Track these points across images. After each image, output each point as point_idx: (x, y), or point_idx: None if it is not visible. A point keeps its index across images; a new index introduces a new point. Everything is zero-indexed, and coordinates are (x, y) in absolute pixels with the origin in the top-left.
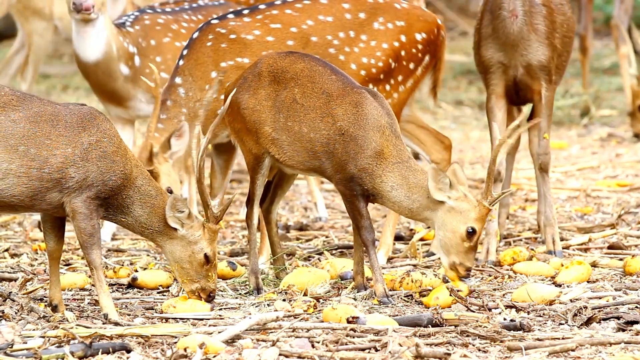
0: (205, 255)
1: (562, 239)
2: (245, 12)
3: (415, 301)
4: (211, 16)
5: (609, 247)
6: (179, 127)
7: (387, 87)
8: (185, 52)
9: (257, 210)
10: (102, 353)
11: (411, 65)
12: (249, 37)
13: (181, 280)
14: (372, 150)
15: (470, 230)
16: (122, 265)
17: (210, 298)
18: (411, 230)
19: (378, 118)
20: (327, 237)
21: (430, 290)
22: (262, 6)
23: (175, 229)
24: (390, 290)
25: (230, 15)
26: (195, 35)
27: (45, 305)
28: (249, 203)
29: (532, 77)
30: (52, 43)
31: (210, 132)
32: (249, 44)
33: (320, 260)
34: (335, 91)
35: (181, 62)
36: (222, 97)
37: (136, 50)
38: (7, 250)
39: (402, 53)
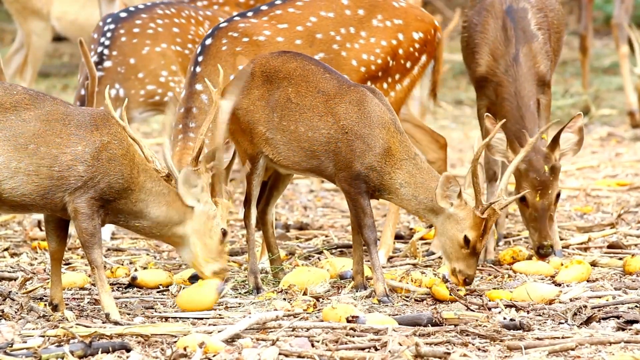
0: (223, 231)
1: (561, 239)
2: (250, 13)
3: (415, 300)
4: (184, 11)
5: (609, 247)
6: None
7: (385, 85)
8: (200, 58)
9: (254, 210)
10: (101, 352)
11: (408, 64)
12: (261, 39)
13: (203, 259)
14: (379, 147)
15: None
16: (122, 264)
17: (227, 280)
18: (411, 229)
19: (382, 115)
20: (326, 236)
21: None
22: (264, 7)
23: (192, 207)
24: (389, 289)
25: (237, 18)
26: (208, 42)
27: (45, 305)
28: (246, 203)
29: None
30: (51, 42)
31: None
32: (261, 45)
33: (319, 260)
34: (332, 89)
35: (198, 69)
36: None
37: None
38: (6, 249)
39: (400, 51)
